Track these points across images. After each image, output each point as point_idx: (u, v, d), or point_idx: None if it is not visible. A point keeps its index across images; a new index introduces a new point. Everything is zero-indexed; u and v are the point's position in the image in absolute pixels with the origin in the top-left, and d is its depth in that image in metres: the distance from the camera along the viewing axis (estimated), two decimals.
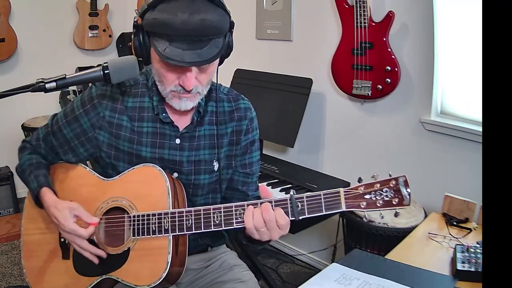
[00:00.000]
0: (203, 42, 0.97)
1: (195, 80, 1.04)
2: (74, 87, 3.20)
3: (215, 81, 1.19)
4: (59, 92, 3.26)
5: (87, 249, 1.11)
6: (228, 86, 1.28)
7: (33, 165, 1.20)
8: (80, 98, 1.20)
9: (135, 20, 1.03)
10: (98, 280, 1.14)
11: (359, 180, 0.99)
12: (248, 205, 1.01)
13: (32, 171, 1.18)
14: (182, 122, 1.17)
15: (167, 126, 1.16)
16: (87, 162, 1.32)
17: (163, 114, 1.15)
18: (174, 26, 0.94)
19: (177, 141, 1.17)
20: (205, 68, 1.05)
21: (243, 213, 1.01)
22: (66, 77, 1.00)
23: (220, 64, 1.12)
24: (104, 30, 3.42)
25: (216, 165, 1.20)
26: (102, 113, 1.17)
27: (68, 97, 3.23)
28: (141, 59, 1.07)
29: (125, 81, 1.18)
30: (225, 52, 1.08)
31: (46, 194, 1.14)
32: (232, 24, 1.07)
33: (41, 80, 0.98)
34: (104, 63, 1.01)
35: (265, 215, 0.98)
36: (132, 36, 1.06)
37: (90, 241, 1.13)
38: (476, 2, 1.79)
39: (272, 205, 1.00)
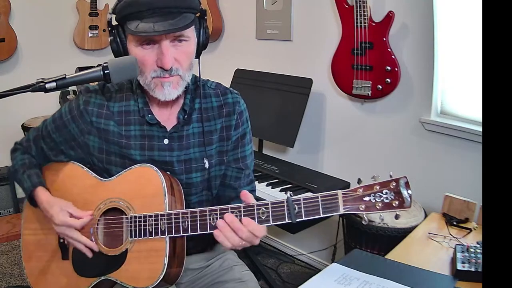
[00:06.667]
0: (174, 14, 0.99)
1: (173, 59, 1.04)
2: (74, 87, 3.19)
3: (200, 77, 1.18)
4: (59, 92, 3.26)
5: (79, 240, 1.11)
6: (228, 86, 1.27)
7: (26, 165, 1.21)
8: (68, 105, 1.21)
9: (108, 19, 1.06)
10: (97, 281, 1.14)
11: (359, 181, 0.97)
12: (244, 206, 1.01)
13: (25, 171, 1.19)
14: (170, 122, 1.17)
15: (155, 128, 1.16)
16: None
17: (149, 116, 1.14)
18: (140, 1, 0.97)
19: (166, 141, 1.16)
20: (182, 47, 1.05)
21: (240, 215, 1.01)
22: (66, 77, 1.00)
23: (197, 56, 1.12)
24: (104, 30, 3.41)
25: (206, 163, 1.19)
26: (89, 119, 1.17)
27: (68, 97, 3.23)
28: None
29: (109, 87, 1.19)
30: (201, 38, 1.09)
31: (40, 192, 1.16)
32: (203, 12, 1.08)
33: (41, 80, 0.98)
34: (104, 63, 1.01)
35: (241, 234, 0.99)
36: (108, 36, 1.07)
37: None
38: (476, 2, 1.79)
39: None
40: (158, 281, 1.05)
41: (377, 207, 0.94)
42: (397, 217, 0.95)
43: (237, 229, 0.99)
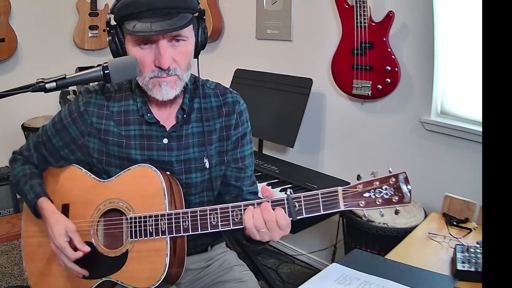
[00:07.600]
0: (172, 14, 0.99)
1: (171, 59, 1.04)
2: (74, 87, 3.19)
3: (199, 77, 1.18)
4: (59, 92, 3.26)
5: (71, 268, 1.11)
6: (228, 86, 1.27)
7: (27, 175, 1.20)
8: (67, 108, 1.20)
9: (107, 19, 1.06)
10: (98, 283, 1.13)
11: (358, 177, 0.96)
12: (244, 205, 1.00)
13: (27, 181, 1.18)
14: (169, 122, 1.16)
15: (154, 127, 1.16)
16: None
17: (148, 115, 1.14)
18: (139, 2, 0.97)
19: (165, 141, 1.16)
20: (180, 46, 1.05)
21: (240, 213, 1.00)
22: (66, 77, 0.99)
23: (196, 56, 1.12)
24: (104, 30, 3.41)
25: (207, 163, 1.19)
26: (89, 120, 1.17)
27: (68, 97, 3.23)
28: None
29: (109, 87, 1.19)
30: (199, 37, 1.09)
31: (44, 203, 1.15)
32: (202, 12, 1.08)
33: (41, 80, 0.98)
34: (104, 63, 1.01)
35: (265, 215, 0.97)
36: (107, 37, 1.07)
37: (88, 243, 1.13)
38: (476, 2, 1.79)
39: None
40: (160, 281, 1.05)
41: (377, 203, 0.94)
42: (397, 212, 0.95)
43: (263, 208, 0.98)
